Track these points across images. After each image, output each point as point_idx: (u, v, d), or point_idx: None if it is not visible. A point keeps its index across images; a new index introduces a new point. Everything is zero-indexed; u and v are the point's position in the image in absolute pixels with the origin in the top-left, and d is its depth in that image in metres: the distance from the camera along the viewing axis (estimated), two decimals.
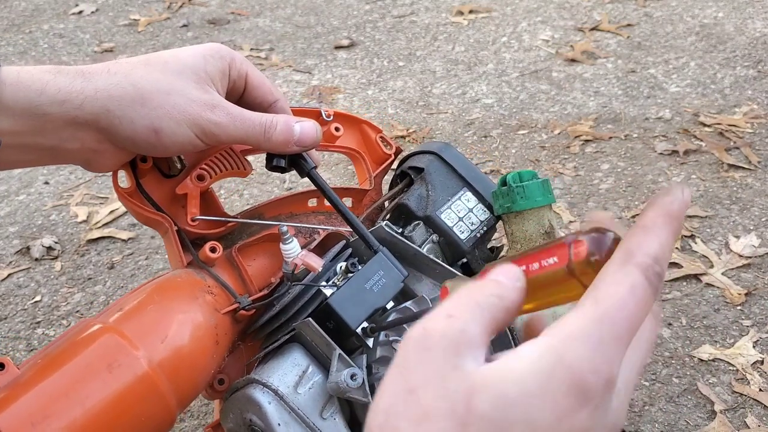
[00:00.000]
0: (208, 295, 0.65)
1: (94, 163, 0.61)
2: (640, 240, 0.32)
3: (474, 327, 0.32)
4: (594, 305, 0.31)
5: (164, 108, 0.57)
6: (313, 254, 0.65)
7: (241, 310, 0.66)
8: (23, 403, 0.52)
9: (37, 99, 0.54)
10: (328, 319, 0.60)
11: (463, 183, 0.77)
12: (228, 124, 0.59)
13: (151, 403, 0.56)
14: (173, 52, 0.61)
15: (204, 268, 0.67)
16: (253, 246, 0.72)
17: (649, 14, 2.10)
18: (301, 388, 0.60)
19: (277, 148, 0.62)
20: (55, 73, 0.55)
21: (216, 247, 0.67)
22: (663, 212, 0.32)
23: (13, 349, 1.15)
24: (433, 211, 0.74)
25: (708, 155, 1.45)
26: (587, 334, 0.30)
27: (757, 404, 0.95)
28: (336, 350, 0.59)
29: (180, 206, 0.68)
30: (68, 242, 1.38)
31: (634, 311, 0.31)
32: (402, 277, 0.63)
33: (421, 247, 0.71)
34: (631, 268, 0.31)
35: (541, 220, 0.71)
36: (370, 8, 2.34)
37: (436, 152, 0.78)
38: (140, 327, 0.58)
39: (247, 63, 0.64)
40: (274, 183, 1.51)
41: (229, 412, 0.63)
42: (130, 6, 2.51)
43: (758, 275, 1.15)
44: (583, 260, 0.33)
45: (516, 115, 1.67)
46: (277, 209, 0.76)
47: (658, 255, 0.32)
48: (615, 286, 0.31)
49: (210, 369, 0.64)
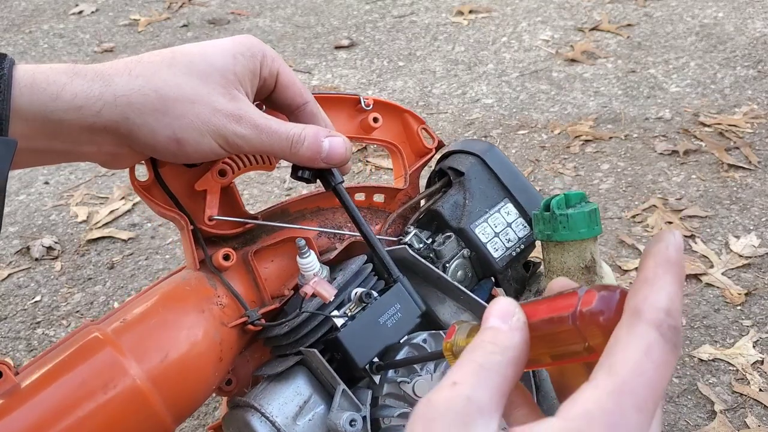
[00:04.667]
0: (216, 307, 0.63)
1: (111, 164, 0.59)
2: (646, 294, 0.29)
3: (481, 393, 0.30)
4: (609, 376, 0.28)
5: (187, 117, 0.54)
6: (325, 282, 0.62)
7: (249, 325, 0.64)
8: (18, 416, 0.52)
9: (52, 104, 0.51)
10: (336, 350, 0.59)
11: (505, 193, 0.72)
12: (253, 137, 0.56)
13: (146, 421, 0.56)
14: (201, 49, 0.57)
15: (216, 274, 0.65)
16: (270, 249, 0.69)
17: (649, 14, 2.10)
18: (300, 419, 0.59)
19: (304, 162, 0.59)
20: (72, 75, 0.52)
21: (230, 254, 0.64)
22: (662, 260, 0.30)
23: (13, 349, 1.15)
24: (468, 224, 0.69)
25: (708, 155, 1.45)
26: (606, 411, 0.27)
27: (757, 404, 0.95)
28: (340, 386, 0.57)
29: (200, 198, 0.65)
30: (68, 242, 1.38)
31: (655, 375, 0.28)
32: (419, 312, 0.61)
33: (450, 262, 0.68)
34: (643, 327, 0.29)
35: (582, 254, 0.65)
36: (370, 8, 2.34)
37: (480, 155, 0.73)
38: (141, 342, 0.58)
39: (279, 60, 0.60)
40: (274, 183, 1.51)
41: (230, 425, 0.63)
42: (130, 6, 2.51)
43: (758, 275, 1.15)
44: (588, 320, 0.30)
45: (516, 115, 1.67)
46: (303, 204, 0.72)
47: (669, 307, 0.29)
48: (629, 351, 0.28)
49: (212, 385, 0.63)
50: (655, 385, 0.28)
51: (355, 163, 1.52)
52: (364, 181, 1.49)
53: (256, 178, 1.52)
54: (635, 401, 0.28)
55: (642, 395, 0.28)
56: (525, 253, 0.72)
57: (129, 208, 1.45)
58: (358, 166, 1.52)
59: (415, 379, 0.59)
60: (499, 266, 0.70)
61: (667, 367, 0.29)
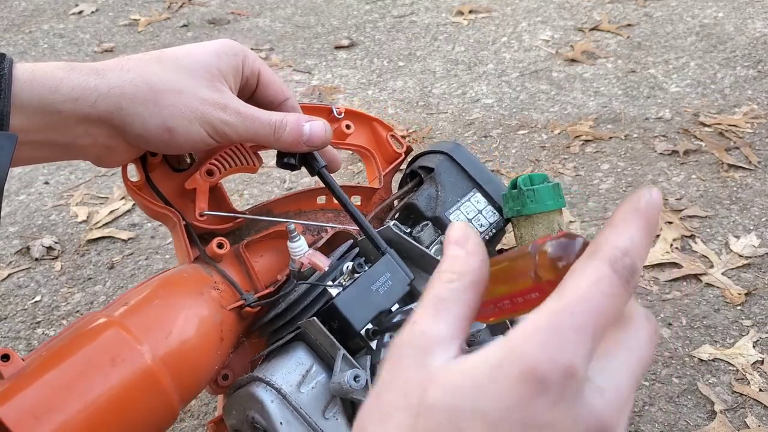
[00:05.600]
0: (214, 291, 0.65)
1: (104, 159, 0.62)
2: (608, 235, 0.31)
3: (438, 325, 0.32)
4: (553, 301, 0.30)
5: (176, 107, 0.58)
6: (319, 253, 0.65)
7: (246, 307, 0.66)
8: (26, 395, 0.52)
9: (51, 96, 0.54)
10: (333, 319, 0.60)
11: (473, 184, 0.77)
12: (238, 123, 0.60)
13: (154, 398, 0.56)
14: (186, 49, 0.61)
15: (211, 263, 0.67)
16: (260, 242, 0.72)
17: (649, 14, 2.10)
18: (304, 387, 0.60)
19: (287, 147, 0.63)
20: (69, 70, 0.56)
21: (223, 242, 0.67)
22: (630, 208, 0.31)
23: (13, 349, 1.15)
24: (442, 212, 0.74)
25: (708, 155, 1.45)
26: (541, 325, 0.29)
27: (757, 404, 0.95)
28: (340, 350, 0.59)
29: (189, 201, 0.68)
30: (68, 242, 1.38)
31: (599, 302, 0.29)
32: (408, 279, 0.63)
33: (429, 248, 0.71)
34: (597, 261, 0.30)
35: (551, 225, 0.70)
36: (370, 8, 2.34)
37: (447, 152, 0.78)
38: (145, 321, 0.59)
39: (259, 61, 0.65)
40: (274, 183, 1.51)
41: (232, 408, 0.63)
42: (130, 6, 2.51)
43: (758, 275, 1.15)
44: (547, 264, 0.31)
45: (516, 115, 1.67)
46: (285, 206, 0.76)
47: (628, 247, 0.30)
48: (578, 281, 0.30)
49: (214, 365, 0.64)
50: (599, 311, 0.29)
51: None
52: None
53: (256, 178, 1.52)
54: (574, 321, 0.29)
55: (582, 318, 0.29)
56: (497, 237, 0.77)
57: (129, 208, 1.45)
58: None
59: None
60: None
61: (615, 299, 0.29)
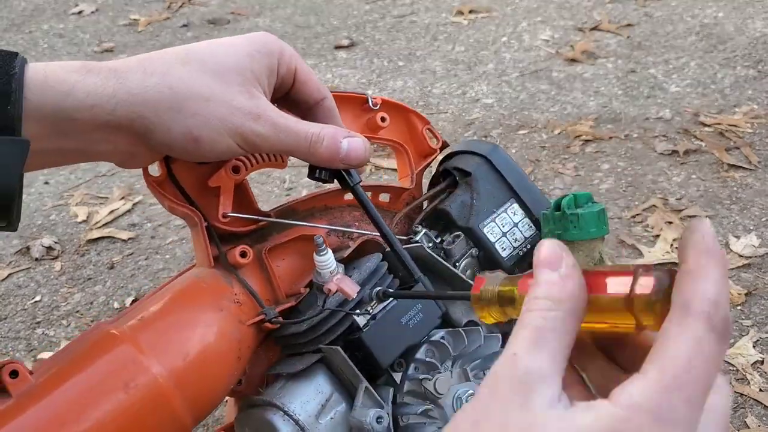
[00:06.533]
0: (234, 305, 0.62)
1: (127, 163, 0.58)
2: (693, 287, 0.29)
3: (540, 360, 0.30)
4: (660, 372, 0.28)
5: (203, 115, 0.53)
6: (348, 279, 0.61)
7: (266, 322, 0.63)
8: (35, 414, 0.51)
9: (63, 102, 0.49)
10: (358, 349, 0.59)
11: (511, 193, 0.72)
12: (272, 135, 0.55)
13: (166, 423, 0.55)
14: (215, 48, 0.55)
15: (232, 272, 0.64)
16: (282, 246, 0.68)
17: (649, 14, 2.10)
18: (322, 417, 0.59)
19: (322, 163, 0.58)
20: (84, 72, 0.50)
21: (246, 251, 0.64)
22: (702, 250, 0.29)
23: (13, 349, 1.15)
24: (476, 224, 0.70)
25: (708, 155, 1.45)
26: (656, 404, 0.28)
27: (757, 404, 0.95)
28: (363, 383, 0.57)
29: (212, 196, 0.64)
30: (68, 242, 1.38)
31: (704, 369, 0.28)
32: (440, 313, 0.61)
33: (459, 261, 0.68)
34: (692, 321, 0.28)
35: (591, 253, 0.66)
36: (370, 8, 2.34)
37: (485, 155, 0.73)
38: (160, 340, 0.57)
39: (296, 56, 0.60)
40: (274, 183, 1.51)
41: (245, 425, 0.62)
42: (130, 6, 2.51)
43: (758, 275, 1.15)
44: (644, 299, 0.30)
45: (516, 115, 1.67)
46: (311, 203, 0.72)
47: (717, 298, 0.29)
48: (679, 346, 0.28)
49: (229, 384, 0.62)
50: (705, 379, 0.29)
51: None
52: (364, 180, 1.48)
53: (255, 177, 1.52)
54: (685, 395, 0.28)
55: (692, 389, 0.28)
56: (531, 253, 0.73)
57: (129, 208, 1.45)
58: None
59: (436, 376, 0.59)
60: (507, 266, 0.70)
61: (717, 359, 0.29)
